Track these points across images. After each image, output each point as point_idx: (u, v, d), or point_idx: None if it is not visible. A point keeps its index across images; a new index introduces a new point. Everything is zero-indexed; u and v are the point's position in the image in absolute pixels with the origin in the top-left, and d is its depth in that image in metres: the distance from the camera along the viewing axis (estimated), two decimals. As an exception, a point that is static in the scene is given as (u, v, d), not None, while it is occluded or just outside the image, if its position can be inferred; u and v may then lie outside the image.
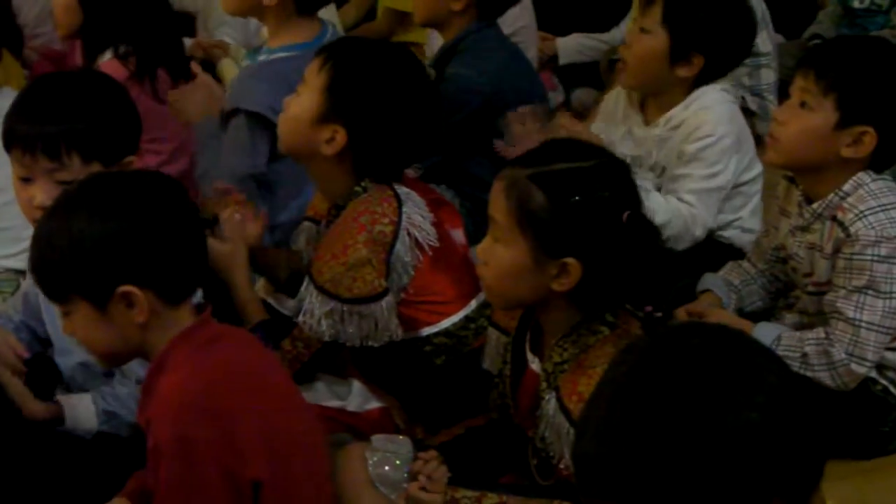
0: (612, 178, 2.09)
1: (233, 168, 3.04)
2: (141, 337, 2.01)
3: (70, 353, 2.51)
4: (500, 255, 2.12)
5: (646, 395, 1.32)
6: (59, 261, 1.98)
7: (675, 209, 3.09)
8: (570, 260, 2.06)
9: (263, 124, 2.98)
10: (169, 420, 1.94)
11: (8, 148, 2.43)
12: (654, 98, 3.21)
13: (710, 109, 3.13)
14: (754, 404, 1.29)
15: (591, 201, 2.05)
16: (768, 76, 4.26)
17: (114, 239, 1.95)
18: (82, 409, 2.45)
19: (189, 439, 1.93)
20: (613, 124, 3.30)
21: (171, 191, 2.06)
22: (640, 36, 3.13)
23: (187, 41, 3.97)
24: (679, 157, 3.13)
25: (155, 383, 2.00)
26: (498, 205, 2.11)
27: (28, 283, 2.59)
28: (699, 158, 3.11)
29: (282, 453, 2.01)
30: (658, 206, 3.02)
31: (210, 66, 4.02)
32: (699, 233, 3.14)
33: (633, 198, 2.09)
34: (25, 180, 2.41)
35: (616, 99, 3.34)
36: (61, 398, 2.49)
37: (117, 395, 2.45)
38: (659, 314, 2.12)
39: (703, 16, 3.07)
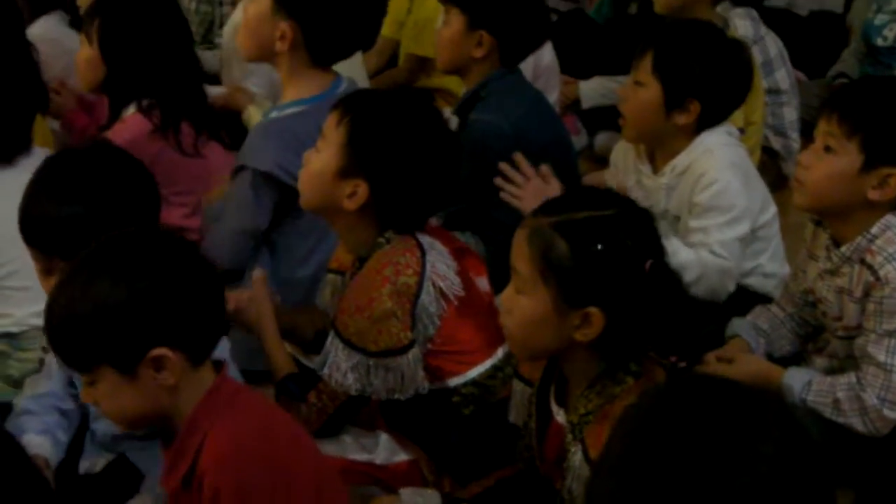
0: (635, 226, 2.08)
1: (231, 224, 3.04)
2: (169, 400, 1.99)
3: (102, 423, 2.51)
4: (523, 305, 2.11)
5: (660, 441, 1.31)
6: (84, 330, 1.93)
7: (706, 263, 3.06)
8: (592, 309, 2.05)
9: (270, 183, 2.98)
10: (229, 469, 1.93)
11: (27, 242, 2.43)
12: (659, 147, 3.19)
13: (713, 154, 3.10)
14: (762, 456, 1.28)
15: (613, 250, 2.04)
16: (790, 114, 4.26)
17: (143, 300, 1.92)
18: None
19: (252, 486, 1.92)
20: (624, 175, 3.29)
21: (186, 248, 2.05)
22: (634, 89, 3.12)
23: (212, 89, 3.97)
24: (692, 208, 3.10)
25: (190, 444, 1.98)
26: (520, 254, 2.11)
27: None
28: (714, 207, 3.08)
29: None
30: (688, 263, 3.00)
31: (234, 116, 4.03)
32: (730, 286, 3.11)
33: (655, 247, 2.08)
34: (47, 272, 2.41)
35: (624, 150, 3.33)
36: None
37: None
38: (683, 364, 2.11)
39: (693, 62, 3.05)
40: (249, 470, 1.93)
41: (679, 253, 2.97)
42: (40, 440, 2.50)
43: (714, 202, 3.08)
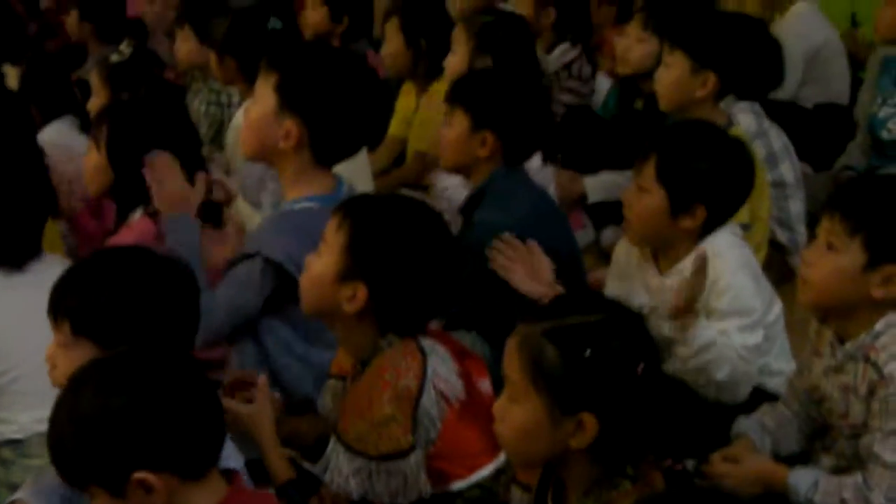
0: (625, 330, 2.08)
1: (229, 299, 3.00)
2: None
3: None
4: (516, 414, 2.11)
5: None
6: (68, 449, 1.96)
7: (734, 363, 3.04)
8: (586, 416, 2.05)
9: (278, 274, 2.97)
10: None
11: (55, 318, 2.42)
12: (663, 248, 3.19)
13: (723, 257, 3.08)
14: None
15: (603, 355, 2.04)
16: (796, 207, 4.26)
17: (119, 420, 1.93)
18: None
19: None
20: (628, 276, 3.29)
21: (181, 363, 2.05)
22: (638, 195, 3.12)
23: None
24: (709, 314, 3.07)
25: None
26: (511, 363, 2.11)
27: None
28: (733, 313, 3.04)
29: None
30: (721, 359, 2.99)
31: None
32: (747, 390, 3.07)
33: (647, 350, 2.08)
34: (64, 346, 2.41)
35: (627, 250, 3.32)
36: None
37: None
38: (679, 467, 2.10)
39: (697, 167, 3.05)
40: None
41: (713, 349, 2.94)
42: None
43: (733, 307, 3.05)
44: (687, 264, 3.11)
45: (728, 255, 3.09)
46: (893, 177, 3.64)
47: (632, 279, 3.27)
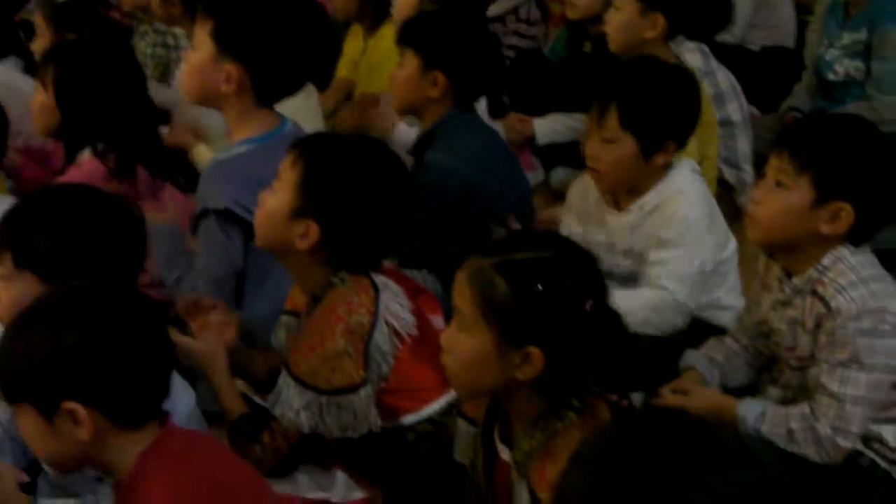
0: (576, 267, 2.09)
1: (212, 272, 3.03)
2: (89, 453, 2.00)
3: None
4: (464, 344, 2.12)
5: (616, 475, 1.31)
6: (12, 367, 1.99)
7: (653, 304, 3.08)
8: (533, 349, 2.06)
9: (233, 220, 2.97)
10: None
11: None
12: (632, 188, 3.21)
13: (684, 193, 3.13)
14: (712, 490, 1.28)
15: (554, 291, 2.05)
16: (743, 146, 4.30)
17: (65, 354, 1.95)
18: None
19: None
20: (584, 213, 3.31)
21: (139, 309, 2.04)
22: (604, 146, 3.13)
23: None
24: (658, 243, 3.12)
25: (132, 500, 1.97)
26: (462, 294, 2.12)
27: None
28: (677, 242, 3.10)
29: None
30: (631, 307, 3.02)
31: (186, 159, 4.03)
32: (680, 320, 3.13)
33: (597, 287, 2.09)
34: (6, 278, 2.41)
35: (582, 191, 3.34)
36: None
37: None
38: (625, 402, 2.11)
39: (660, 106, 3.09)
40: None
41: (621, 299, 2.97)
42: None
43: (679, 238, 3.10)
44: (647, 201, 3.14)
45: (688, 191, 3.15)
46: (841, 115, 3.68)
47: (589, 218, 3.29)
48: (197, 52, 3.12)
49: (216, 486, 2.01)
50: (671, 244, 3.10)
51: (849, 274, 2.64)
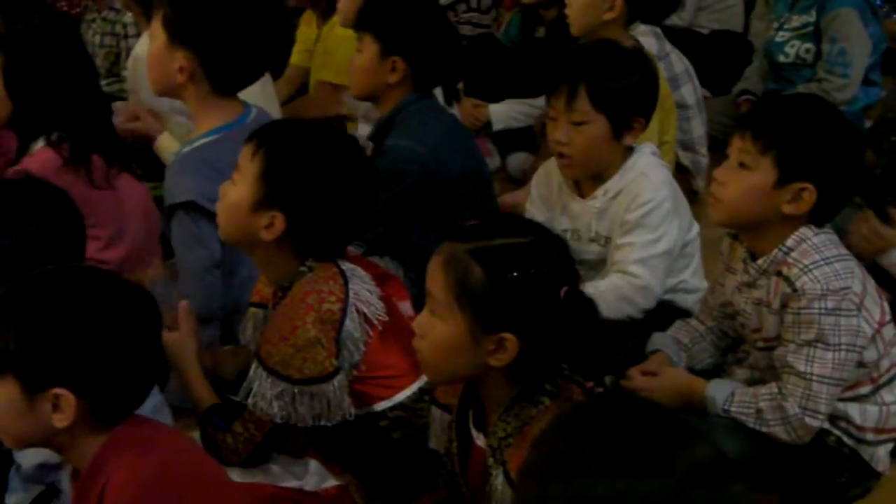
0: (550, 253, 2.09)
1: (191, 267, 3.01)
2: (55, 439, 1.99)
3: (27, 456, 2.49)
4: (437, 330, 2.11)
5: (573, 457, 1.31)
6: (6, 335, 1.94)
7: (622, 293, 3.10)
8: (507, 335, 2.05)
9: (202, 212, 2.95)
10: None
11: None
12: (598, 173, 3.21)
13: (647, 175, 3.15)
14: (672, 472, 1.28)
15: (528, 277, 2.05)
16: (698, 129, 4.33)
17: (73, 341, 1.93)
18: None
19: None
20: (548, 201, 3.31)
21: (146, 310, 2.03)
22: (576, 130, 3.12)
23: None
24: (622, 226, 3.14)
25: (93, 488, 1.96)
26: (436, 279, 2.11)
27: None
28: (642, 225, 3.12)
29: None
30: (601, 295, 3.04)
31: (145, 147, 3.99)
32: (647, 303, 3.14)
33: (570, 273, 2.09)
34: None
35: (546, 178, 3.34)
36: None
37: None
38: (600, 389, 2.12)
39: (628, 84, 3.10)
40: None
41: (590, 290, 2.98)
42: None
43: (644, 220, 3.12)
44: (610, 186, 3.15)
45: (652, 174, 3.16)
46: (803, 96, 3.69)
47: (552, 205, 3.29)
48: (153, 41, 3.12)
49: (174, 473, 1.99)
50: (637, 227, 3.12)
51: (812, 254, 2.67)
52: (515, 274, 2.04)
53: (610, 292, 3.08)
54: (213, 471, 2.14)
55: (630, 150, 3.18)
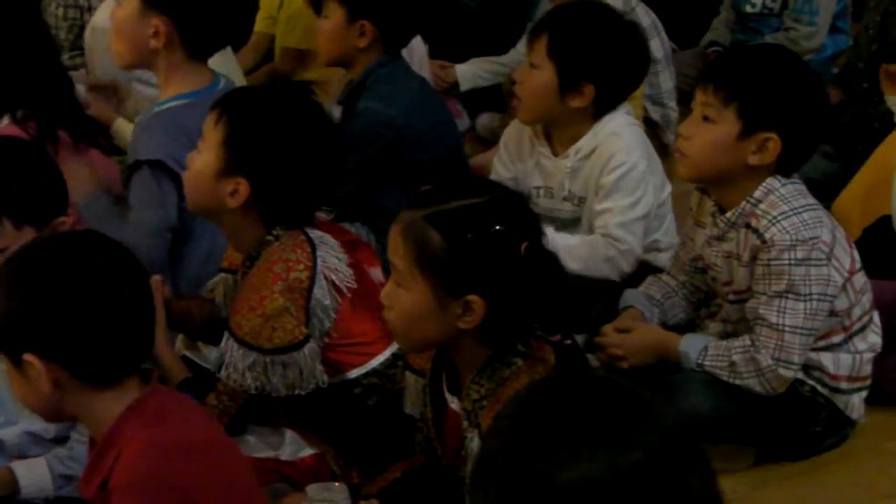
0: (508, 211, 2.08)
1: (146, 224, 2.99)
2: (60, 406, 1.97)
3: (12, 424, 2.50)
4: (404, 299, 2.11)
5: (537, 434, 1.30)
6: None
7: (606, 255, 3.10)
8: (472, 297, 2.05)
9: (167, 173, 2.93)
10: (132, 497, 1.90)
11: None
12: (557, 130, 3.21)
13: (620, 136, 3.13)
14: (643, 443, 1.27)
15: (486, 237, 2.04)
16: (666, 83, 4.32)
17: (32, 307, 1.92)
18: (37, 475, 2.44)
19: None
20: (519, 157, 3.30)
21: (123, 267, 2.00)
22: (529, 72, 3.13)
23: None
24: (598, 190, 3.13)
25: (106, 458, 1.95)
26: (396, 249, 2.10)
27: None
28: (619, 189, 3.11)
29: None
30: (585, 258, 3.05)
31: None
32: (629, 267, 3.14)
33: (530, 230, 2.09)
34: None
35: (518, 133, 3.33)
36: (14, 464, 2.46)
37: (74, 457, 2.43)
38: (569, 342, 2.12)
39: (588, 45, 3.07)
40: (159, 497, 1.90)
41: (557, 240, 2.98)
42: None
43: (620, 184, 3.11)
44: (582, 146, 3.14)
45: (625, 135, 3.14)
46: (764, 46, 3.70)
47: (524, 161, 3.28)
48: (121, 8, 3.10)
49: (189, 448, 1.98)
50: (614, 192, 3.11)
51: (780, 205, 2.67)
52: (473, 235, 2.04)
53: (594, 252, 3.08)
54: (226, 443, 2.12)
55: (597, 111, 3.14)
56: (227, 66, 3.76)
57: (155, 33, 3.02)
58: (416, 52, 4.10)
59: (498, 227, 2.04)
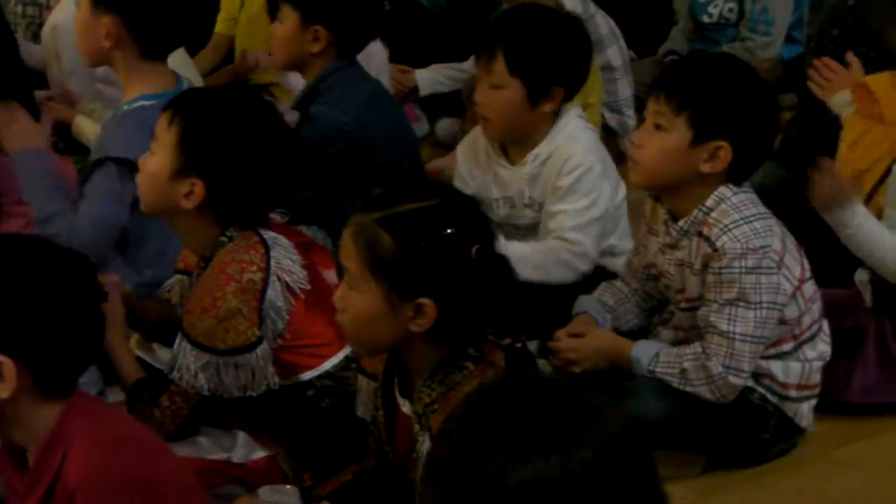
0: (459, 214, 2.09)
1: (97, 215, 2.98)
2: (12, 414, 1.95)
3: None
4: (356, 302, 2.11)
5: (487, 434, 1.31)
6: None
7: (561, 258, 3.13)
8: (424, 300, 2.06)
9: (132, 171, 2.92)
10: (95, 492, 1.89)
11: None
12: (518, 140, 3.22)
13: (576, 139, 3.16)
14: (580, 459, 1.28)
15: (437, 240, 2.05)
16: (624, 91, 4.35)
17: (5, 307, 1.91)
18: None
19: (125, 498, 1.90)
20: (476, 167, 3.32)
21: (79, 268, 2.00)
22: (493, 93, 3.13)
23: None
24: (553, 191, 3.15)
25: (50, 461, 1.94)
26: (348, 252, 2.11)
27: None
28: (574, 191, 3.13)
29: None
30: (540, 262, 3.07)
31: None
32: (585, 267, 3.16)
33: (482, 233, 2.10)
34: None
35: (472, 147, 3.34)
36: None
37: None
38: (519, 345, 2.13)
39: (547, 51, 3.10)
40: (121, 484, 1.90)
41: (511, 250, 2.99)
42: None
43: (576, 185, 3.13)
44: (539, 151, 3.15)
45: (581, 138, 3.18)
46: (715, 54, 3.74)
47: (481, 171, 3.30)
48: (80, 9, 3.11)
49: (130, 441, 1.99)
50: (569, 193, 3.13)
51: (732, 213, 2.70)
52: (424, 238, 2.05)
53: (549, 257, 3.10)
54: (157, 440, 2.13)
55: (555, 115, 3.18)
56: (183, 67, 3.76)
57: (106, 33, 3.03)
58: (376, 56, 4.11)
59: (449, 231, 2.05)
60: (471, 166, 3.34)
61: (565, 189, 3.13)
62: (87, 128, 3.83)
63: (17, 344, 1.91)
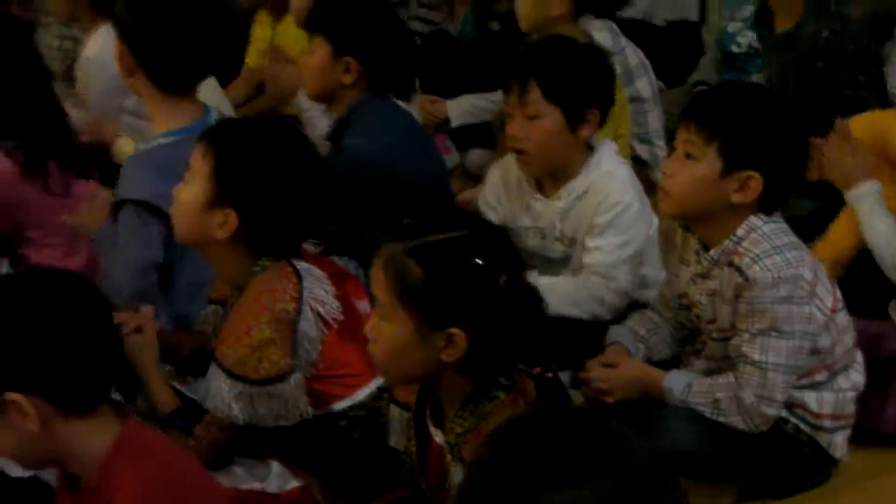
0: (487, 245, 2.10)
1: (131, 261, 3.00)
2: (47, 446, 1.97)
3: None
4: (387, 333, 2.13)
5: (512, 466, 1.32)
6: None
7: (598, 295, 3.14)
8: (454, 330, 2.07)
9: (153, 213, 2.94)
10: None
11: None
12: (554, 172, 3.22)
13: (614, 176, 3.17)
14: (624, 473, 1.29)
15: (465, 270, 2.06)
16: (654, 122, 4.34)
17: (7, 346, 1.92)
18: None
19: None
20: (506, 198, 3.32)
21: (75, 291, 2.01)
22: (530, 124, 3.13)
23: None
24: (591, 229, 3.15)
25: (100, 496, 1.94)
26: (378, 282, 2.13)
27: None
28: (613, 227, 3.14)
29: None
30: (577, 298, 3.08)
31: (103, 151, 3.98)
32: (620, 304, 3.17)
33: (510, 263, 2.11)
34: None
35: (503, 177, 3.34)
36: None
37: None
38: (550, 375, 2.14)
39: (582, 75, 3.12)
40: None
41: (542, 280, 2.99)
42: None
43: (614, 223, 3.14)
44: (575, 186, 3.16)
45: (618, 174, 3.18)
46: (745, 84, 3.72)
47: (512, 202, 3.30)
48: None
49: (180, 480, 2.00)
50: (607, 230, 3.14)
51: (763, 243, 2.69)
52: (452, 268, 2.07)
53: (584, 293, 3.11)
54: (206, 475, 2.15)
55: (591, 148, 3.19)
56: (214, 98, 3.79)
57: (128, 70, 3.04)
58: None
59: (477, 261, 2.07)
60: (499, 193, 3.34)
61: (602, 226, 3.13)
62: (129, 150, 3.85)
63: (21, 379, 1.92)
